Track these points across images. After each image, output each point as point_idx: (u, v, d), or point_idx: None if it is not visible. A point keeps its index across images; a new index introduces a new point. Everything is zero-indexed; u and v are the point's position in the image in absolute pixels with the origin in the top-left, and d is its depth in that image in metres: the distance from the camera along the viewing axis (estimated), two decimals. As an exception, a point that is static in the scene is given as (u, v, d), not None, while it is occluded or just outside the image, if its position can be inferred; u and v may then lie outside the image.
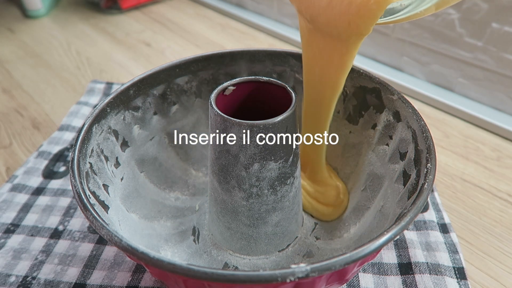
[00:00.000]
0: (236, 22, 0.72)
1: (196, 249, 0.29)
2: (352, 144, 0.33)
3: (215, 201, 0.28)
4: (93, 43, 0.65)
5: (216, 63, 0.34)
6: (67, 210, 0.33)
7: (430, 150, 0.23)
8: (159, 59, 0.60)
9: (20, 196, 0.34)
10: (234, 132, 0.23)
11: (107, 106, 0.28)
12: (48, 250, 0.30)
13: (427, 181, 0.21)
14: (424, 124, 0.25)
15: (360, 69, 0.31)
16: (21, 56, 0.61)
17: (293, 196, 0.27)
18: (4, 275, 0.28)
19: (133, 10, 0.77)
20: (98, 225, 0.20)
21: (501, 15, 0.41)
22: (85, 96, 0.48)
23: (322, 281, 0.19)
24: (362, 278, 0.28)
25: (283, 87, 0.26)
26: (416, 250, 0.29)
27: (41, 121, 0.46)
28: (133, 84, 0.30)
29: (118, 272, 0.28)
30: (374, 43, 0.55)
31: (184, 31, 0.69)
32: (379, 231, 0.26)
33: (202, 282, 0.18)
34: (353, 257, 0.17)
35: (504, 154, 0.40)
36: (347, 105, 0.32)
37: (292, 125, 0.24)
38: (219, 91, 0.26)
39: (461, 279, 0.28)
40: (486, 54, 0.44)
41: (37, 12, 0.73)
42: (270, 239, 0.28)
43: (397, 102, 0.28)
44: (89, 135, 0.26)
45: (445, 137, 0.43)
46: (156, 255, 0.18)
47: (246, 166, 0.24)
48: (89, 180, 0.24)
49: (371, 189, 0.30)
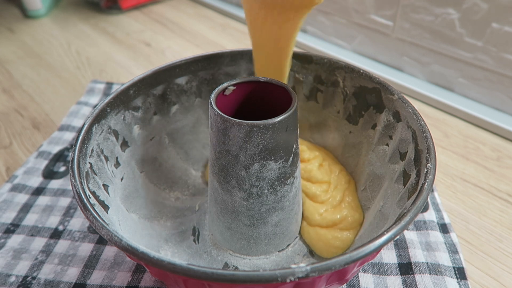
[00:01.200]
0: (236, 22, 0.72)
1: (196, 249, 0.29)
2: (352, 144, 0.33)
3: (215, 201, 0.28)
4: (93, 43, 0.65)
5: (216, 63, 0.34)
6: (67, 210, 0.33)
7: (430, 150, 0.23)
8: (159, 59, 0.60)
9: (20, 196, 0.34)
10: (234, 132, 0.23)
11: (107, 106, 0.28)
12: (48, 250, 0.30)
13: (427, 181, 0.21)
14: (424, 124, 0.25)
15: (360, 69, 0.31)
16: (21, 56, 0.61)
17: (293, 196, 0.27)
18: (4, 275, 0.28)
19: (133, 10, 0.77)
20: (98, 225, 0.20)
21: (501, 15, 0.41)
22: (85, 96, 0.48)
23: (322, 281, 0.19)
24: (362, 278, 0.28)
25: (283, 87, 0.26)
26: (416, 250, 0.29)
27: (41, 121, 0.46)
28: (133, 84, 0.30)
29: (118, 272, 0.28)
30: (374, 43, 0.55)
31: (184, 31, 0.69)
32: (379, 231, 0.26)
33: (202, 282, 0.18)
34: (353, 257, 0.17)
35: (504, 154, 0.40)
36: (347, 105, 0.32)
37: (292, 125, 0.24)
38: (219, 91, 0.26)
39: (461, 279, 0.28)
40: (486, 54, 0.44)
41: (37, 12, 0.73)
42: (270, 239, 0.28)
43: (397, 102, 0.28)
44: (89, 135, 0.26)
45: (445, 137, 0.43)
46: (156, 255, 0.18)
47: (246, 166, 0.24)
48: (89, 180, 0.24)
49: (371, 189, 0.30)
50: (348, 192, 0.31)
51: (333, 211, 0.29)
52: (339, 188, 0.31)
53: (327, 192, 0.30)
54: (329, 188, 0.31)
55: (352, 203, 0.30)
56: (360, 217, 0.29)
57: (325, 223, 0.29)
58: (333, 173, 0.32)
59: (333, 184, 0.31)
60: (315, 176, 0.31)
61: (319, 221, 0.29)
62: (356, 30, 0.56)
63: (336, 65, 0.32)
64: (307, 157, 0.32)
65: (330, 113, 0.34)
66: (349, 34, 0.58)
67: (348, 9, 0.56)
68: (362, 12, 0.54)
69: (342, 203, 0.30)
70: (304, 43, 0.62)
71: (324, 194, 0.30)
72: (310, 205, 0.30)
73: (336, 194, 0.30)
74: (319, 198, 0.30)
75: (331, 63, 0.32)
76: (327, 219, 0.29)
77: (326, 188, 0.31)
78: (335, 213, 0.29)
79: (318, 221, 0.29)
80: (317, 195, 0.30)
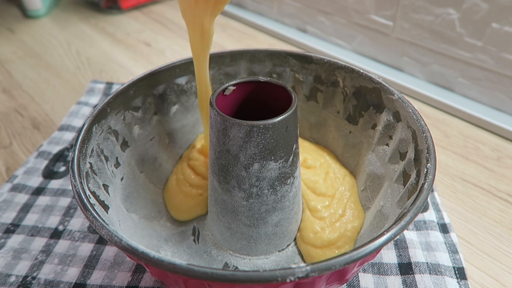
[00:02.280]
0: (236, 22, 0.72)
1: (196, 249, 0.29)
2: (352, 144, 0.33)
3: (215, 201, 0.28)
4: (93, 43, 0.65)
5: (216, 63, 0.34)
6: (67, 210, 0.33)
7: (430, 150, 0.23)
8: (159, 59, 0.60)
9: (20, 196, 0.34)
10: (234, 132, 0.23)
11: (107, 106, 0.28)
12: (48, 250, 0.30)
13: (427, 181, 0.21)
14: (424, 124, 0.25)
15: (360, 69, 0.31)
16: (21, 56, 0.61)
17: (293, 196, 0.27)
18: (4, 275, 0.28)
19: (133, 10, 0.77)
20: (98, 225, 0.20)
21: (501, 15, 0.41)
22: (85, 96, 0.48)
23: (322, 281, 0.19)
24: (362, 278, 0.28)
25: (283, 87, 0.26)
26: (416, 250, 0.29)
27: (41, 121, 0.46)
28: (133, 84, 0.30)
29: (118, 272, 0.28)
30: (374, 43, 0.55)
31: (184, 31, 0.69)
32: (379, 231, 0.26)
33: (202, 282, 0.18)
34: (353, 257, 0.17)
35: (504, 154, 0.40)
36: (347, 105, 0.32)
37: (292, 125, 0.24)
38: (219, 91, 0.26)
39: (461, 279, 0.28)
40: (486, 54, 0.44)
41: (37, 12, 0.73)
42: (270, 239, 0.28)
43: (397, 102, 0.28)
44: (89, 135, 0.26)
45: (445, 137, 0.43)
46: (156, 255, 0.18)
47: (246, 166, 0.24)
48: (89, 180, 0.24)
49: (371, 189, 0.30)
50: (351, 200, 0.30)
51: (331, 229, 0.28)
52: (342, 201, 0.30)
53: (328, 207, 0.29)
54: (332, 203, 0.30)
55: (354, 211, 0.29)
56: (360, 223, 0.29)
57: (320, 243, 0.28)
58: (338, 184, 0.31)
59: (336, 198, 0.30)
60: (320, 189, 0.30)
61: (312, 241, 0.28)
62: (356, 30, 0.56)
63: (336, 65, 0.32)
64: (312, 164, 0.32)
65: (330, 113, 0.34)
66: (349, 34, 0.58)
67: (348, 9, 0.56)
68: (362, 12, 0.54)
69: (343, 218, 0.29)
70: (304, 43, 0.62)
71: (325, 209, 0.29)
72: (308, 218, 0.29)
73: (338, 208, 0.29)
74: (319, 213, 0.29)
75: (331, 63, 0.32)
76: (322, 239, 0.28)
77: (329, 204, 0.30)
78: (334, 232, 0.28)
79: (312, 240, 0.28)
80: (317, 210, 0.29)
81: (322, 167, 0.32)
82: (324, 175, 0.32)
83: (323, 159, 0.33)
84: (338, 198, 0.30)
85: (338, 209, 0.29)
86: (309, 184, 0.31)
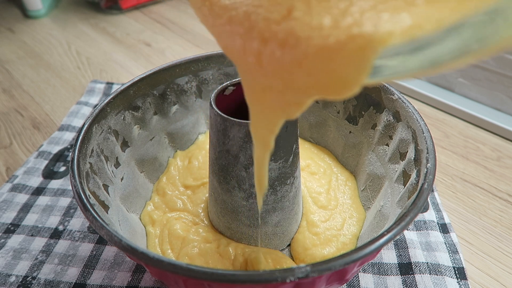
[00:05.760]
0: (236, 22, 0.72)
1: (196, 249, 0.29)
2: (352, 144, 0.33)
3: (215, 201, 0.28)
4: (93, 43, 0.65)
5: (216, 63, 0.34)
6: (67, 210, 0.33)
7: (430, 150, 0.23)
8: (159, 59, 0.60)
9: (20, 196, 0.34)
10: (234, 132, 0.23)
11: (107, 106, 0.28)
12: (48, 250, 0.30)
13: (427, 181, 0.21)
14: (424, 124, 0.25)
15: (360, 69, 0.31)
16: (21, 56, 0.61)
17: (293, 196, 0.27)
18: (4, 275, 0.28)
19: (133, 10, 0.77)
20: (98, 225, 0.20)
21: (501, 15, 0.41)
22: (85, 96, 0.48)
23: (322, 281, 0.19)
24: (362, 278, 0.28)
25: (283, 87, 0.26)
26: (416, 250, 0.29)
27: (41, 121, 0.46)
28: (133, 84, 0.30)
29: (118, 272, 0.28)
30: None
31: (184, 31, 0.69)
32: (379, 231, 0.26)
33: (202, 282, 0.18)
34: (353, 257, 0.17)
35: (504, 154, 0.40)
36: (347, 105, 0.32)
37: (292, 125, 0.24)
38: (219, 91, 0.26)
39: (461, 279, 0.28)
40: (486, 54, 0.44)
41: (37, 12, 0.73)
42: (270, 239, 0.28)
43: (397, 102, 0.28)
44: (89, 135, 0.26)
45: (445, 137, 0.43)
46: (156, 255, 0.18)
47: (246, 166, 0.24)
48: (89, 180, 0.24)
49: (371, 189, 0.30)
50: (352, 208, 0.30)
51: (323, 247, 0.27)
52: (343, 212, 0.29)
53: (326, 221, 0.29)
54: (331, 217, 0.29)
55: (353, 220, 0.29)
56: (359, 229, 0.29)
57: (309, 260, 0.27)
58: (341, 193, 0.31)
59: (337, 211, 0.30)
60: (322, 202, 0.30)
61: (302, 256, 0.27)
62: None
63: (336, 65, 0.32)
64: (315, 171, 0.32)
65: (330, 113, 0.34)
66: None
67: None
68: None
69: (341, 230, 0.28)
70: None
71: (322, 223, 0.29)
72: (303, 231, 0.29)
73: (336, 223, 0.29)
74: (315, 228, 0.28)
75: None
76: (314, 255, 0.27)
77: (328, 217, 0.29)
78: (324, 248, 0.27)
79: (302, 256, 0.27)
80: (315, 224, 0.29)
81: (325, 174, 0.32)
82: (327, 186, 0.31)
83: (325, 164, 0.33)
84: (339, 211, 0.30)
85: (337, 223, 0.29)
86: (312, 193, 0.30)
